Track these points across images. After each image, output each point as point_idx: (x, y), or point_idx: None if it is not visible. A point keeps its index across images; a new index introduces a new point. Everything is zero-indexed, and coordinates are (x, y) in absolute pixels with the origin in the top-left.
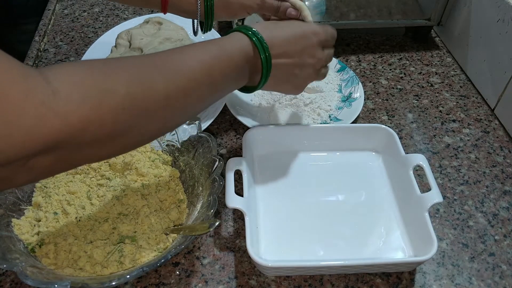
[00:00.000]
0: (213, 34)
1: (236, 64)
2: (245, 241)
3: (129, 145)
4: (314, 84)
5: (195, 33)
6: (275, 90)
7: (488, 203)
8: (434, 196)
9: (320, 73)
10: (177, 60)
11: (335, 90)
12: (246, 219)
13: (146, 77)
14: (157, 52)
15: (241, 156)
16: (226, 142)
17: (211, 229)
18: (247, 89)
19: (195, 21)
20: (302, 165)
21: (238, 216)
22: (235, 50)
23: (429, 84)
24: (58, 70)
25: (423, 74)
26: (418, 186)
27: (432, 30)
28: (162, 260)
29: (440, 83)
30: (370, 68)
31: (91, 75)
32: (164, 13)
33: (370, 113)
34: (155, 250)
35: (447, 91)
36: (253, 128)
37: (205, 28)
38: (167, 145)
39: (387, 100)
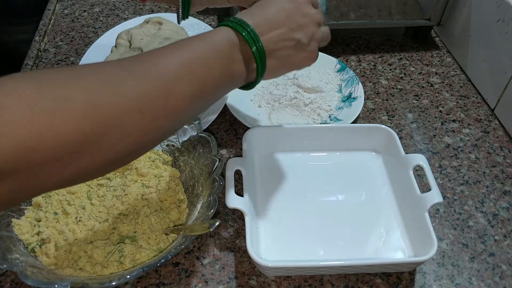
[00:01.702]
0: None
1: (224, 59)
2: (245, 241)
3: (102, 163)
4: (314, 84)
5: (178, 21)
6: (287, 71)
7: (488, 203)
8: (434, 196)
9: (322, 31)
10: (153, 62)
11: (335, 90)
12: (246, 219)
13: (112, 82)
14: (131, 56)
15: (241, 156)
16: (226, 142)
17: (211, 229)
18: (247, 86)
19: (180, 10)
20: (302, 165)
21: (238, 216)
22: (222, 47)
23: (429, 84)
24: (3, 82)
25: (423, 74)
26: (418, 186)
27: (432, 30)
28: (162, 260)
29: (440, 83)
30: (370, 68)
31: (42, 84)
32: (143, 2)
33: (370, 113)
34: (155, 250)
35: (447, 91)
36: (253, 128)
37: (183, 15)
38: (167, 145)
39: (387, 100)
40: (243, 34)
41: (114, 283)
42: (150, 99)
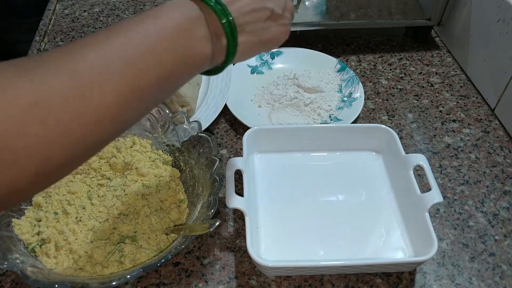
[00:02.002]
0: None
1: (179, 40)
2: (245, 241)
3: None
4: (314, 84)
5: None
6: (262, 49)
7: (488, 203)
8: (434, 196)
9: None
10: (76, 56)
11: (335, 90)
12: (246, 219)
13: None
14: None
15: (241, 156)
16: (226, 142)
17: (211, 229)
18: (214, 70)
19: None
20: (302, 165)
21: (238, 216)
22: (179, 23)
23: (429, 84)
24: None
25: (423, 74)
26: (418, 186)
27: (432, 30)
28: (162, 260)
29: (440, 83)
30: (370, 68)
31: None
32: None
33: (370, 113)
34: (155, 250)
35: (447, 91)
36: (253, 128)
37: None
38: (167, 145)
39: (387, 100)
40: (211, 3)
41: (114, 283)
42: (59, 105)
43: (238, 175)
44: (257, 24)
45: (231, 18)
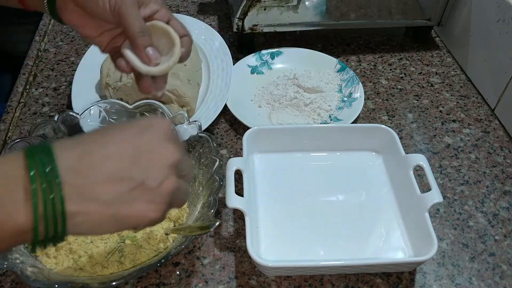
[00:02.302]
0: (213, 34)
1: None
2: (245, 241)
3: None
4: (314, 84)
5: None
6: (117, 227)
7: (488, 203)
8: (434, 196)
9: (179, 182)
10: None
11: (335, 90)
12: (246, 219)
13: None
14: None
15: (241, 156)
16: (226, 142)
17: (211, 229)
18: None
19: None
20: (302, 165)
21: (238, 216)
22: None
23: (429, 84)
24: None
25: (423, 74)
26: (418, 186)
27: (432, 30)
28: (163, 260)
29: (440, 83)
30: (370, 68)
31: None
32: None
33: (370, 113)
34: (155, 250)
35: (447, 91)
36: (253, 128)
37: (52, 14)
38: None
39: (387, 100)
40: (39, 169)
41: (114, 283)
42: None
43: (238, 175)
44: (115, 195)
45: (52, 196)
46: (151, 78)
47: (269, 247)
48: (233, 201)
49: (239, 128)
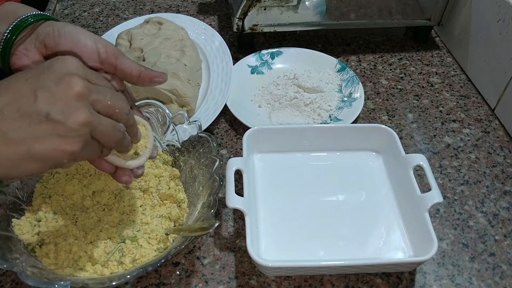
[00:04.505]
0: (213, 34)
1: None
2: (245, 241)
3: None
4: (314, 84)
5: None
6: (29, 163)
7: (488, 203)
8: (434, 196)
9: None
10: None
11: (335, 90)
12: (246, 219)
13: None
14: None
15: (241, 156)
16: (226, 142)
17: (211, 230)
18: None
19: None
20: (302, 165)
21: (238, 216)
22: None
23: (429, 84)
24: None
25: (423, 74)
26: (418, 186)
27: (432, 30)
28: (163, 260)
29: (440, 83)
30: (370, 68)
31: None
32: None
33: (370, 113)
34: (155, 250)
35: (447, 91)
36: (253, 128)
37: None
38: (167, 145)
39: (387, 100)
40: None
41: (114, 283)
42: None
43: (238, 175)
44: (23, 132)
45: None
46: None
47: (269, 247)
48: (233, 201)
49: (239, 128)
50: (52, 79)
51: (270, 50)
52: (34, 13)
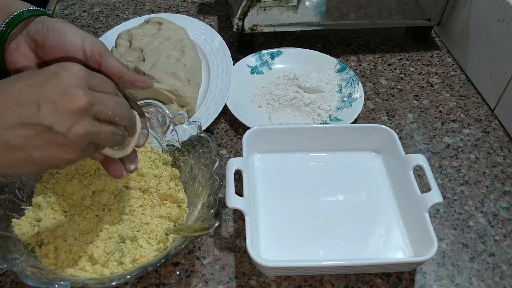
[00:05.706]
0: (213, 34)
1: None
2: (245, 241)
3: None
4: (314, 84)
5: None
6: (29, 166)
7: (488, 203)
8: (434, 196)
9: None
10: None
11: (335, 90)
12: (246, 219)
13: None
14: None
15: (241, 156)
16: (226, 142)
17: (211, 230)
18: None
19: None
20: (302, 165)
21: (238, 216)
22: None
23: (429, 84)
24: None
25: (423, 74)
26: (418, 186)
27: (432, 30)
28: (163, 260)
29: (440, 83)
30: (370, 68)
31: None
32: None
33: (370, 113)
34: (155, 250)
35: (447, 91)
36: (253, 128)
37: None
38: (167, 145)
39: (387, 100)
40: None
41: (114, 283)
42: None
43: (238, 175)
44: (24, 139)
45: None
46: (119, 160)
47: (269, 247)
48: (233, 201)
49: (239, 128)
50: (57, 91)
51: (270, 50)
52: (29, 8)
